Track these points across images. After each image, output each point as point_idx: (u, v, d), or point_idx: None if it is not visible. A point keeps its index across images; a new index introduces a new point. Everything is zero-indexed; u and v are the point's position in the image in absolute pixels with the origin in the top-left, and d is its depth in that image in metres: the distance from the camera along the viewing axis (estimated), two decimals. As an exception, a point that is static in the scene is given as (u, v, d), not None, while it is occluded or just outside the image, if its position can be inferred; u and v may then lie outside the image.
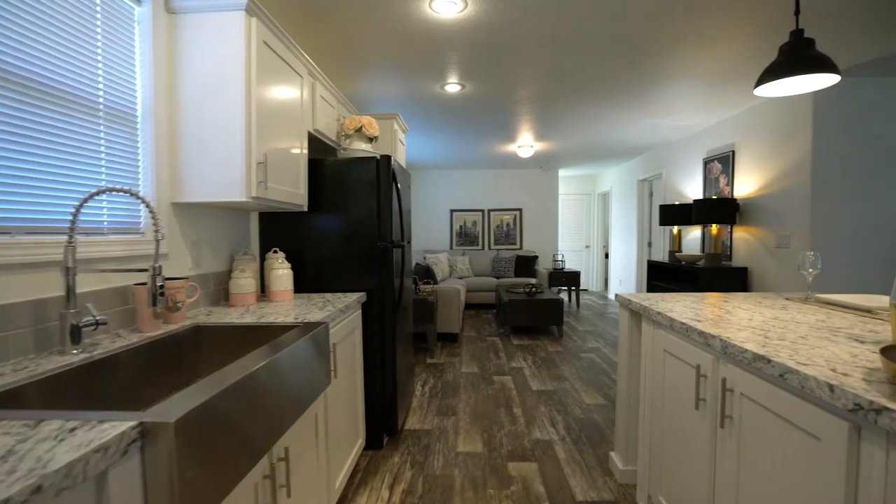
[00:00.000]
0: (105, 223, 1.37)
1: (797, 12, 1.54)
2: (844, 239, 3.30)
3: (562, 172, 8.44)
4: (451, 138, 5.28)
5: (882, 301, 1.67)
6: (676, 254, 4.52)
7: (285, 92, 1.91)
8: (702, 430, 1.34)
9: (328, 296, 2.16)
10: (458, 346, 4.64)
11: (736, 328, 1.33)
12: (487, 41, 2.60)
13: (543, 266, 7.84)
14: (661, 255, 6.03)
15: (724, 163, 4.32)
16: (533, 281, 6.77)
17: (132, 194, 1.10)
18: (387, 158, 2.33)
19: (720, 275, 3.91)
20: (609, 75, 3.18)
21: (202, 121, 1.60)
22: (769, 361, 1.02)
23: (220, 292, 1.98)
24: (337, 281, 2.37)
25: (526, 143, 5.58)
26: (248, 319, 1.56)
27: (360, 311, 2.24)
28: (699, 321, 1.45)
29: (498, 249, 7.84)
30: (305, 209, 2.21)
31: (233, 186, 1.60)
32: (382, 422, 2.42)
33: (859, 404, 0.79)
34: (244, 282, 1.89)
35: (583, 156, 6.56)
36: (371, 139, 2.64)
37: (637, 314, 2.00)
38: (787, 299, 1.90)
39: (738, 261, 4.11)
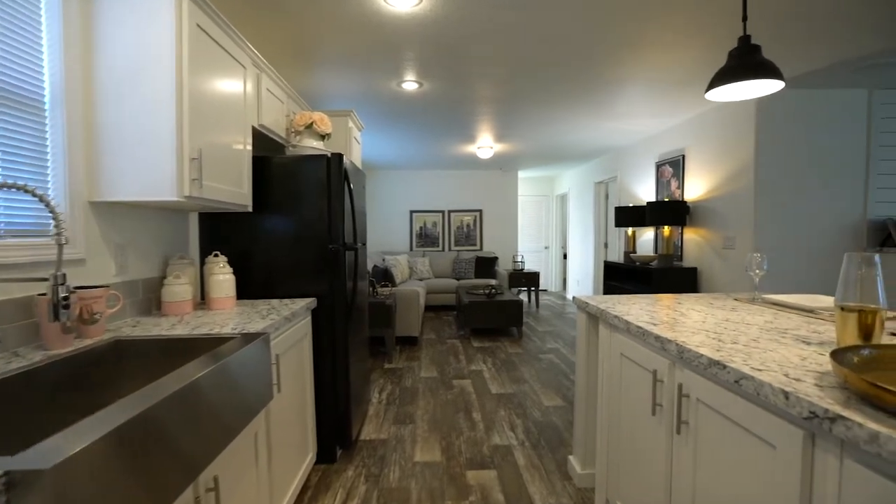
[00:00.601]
0: (1, 225, 1.19)
1: (745, 18, 1.57)
2: (784, 240, 3.48)
3: (521, 174, 8.53)
4: (410, 138, 5.19)
5: (822, 301, 1.73)
6: (631, 254, 4.63)
7: (225, 82, 1.76)
8: (658, 435, 1.32)
9: (274, 302, 2.02)
10: (418, 349, 4.55)
11: (690, 331, 1.33)
12: (444, 38, 2.53)
13: (503, 267, 7.88)
14: (616, 255, 6.19)
15: (675, 166, 4.47)
16: (493, 282, 6.78)
17: (25, 190, 0.94)
18: (338, 157, 2.22)
19: (672, 275, 4.03)
20: (566, 78, 3.19)
21: (125, 111, 1.44)
22: (724, 367, 1.01)
23: (152, 301, 1.80)
24: (285, 286, 2.22)
25: (485, 144, 5.57)
26: (180, 331, 1.41)
27: (309, 318, 2.11)
28: (655, 324, 1.43)
29: (458, 250, 7.81)
30: (250, 209, 2.05)
31: (162, 184, 1.44)
32: (335, 434, 2.29)
33: (814, 412, 0.77)
34: (179, 289, 1.73)
35: (541, 157, 6.64)
36: (323, 136, 2.51)
37: (595, 317, 1.99)
38: (735, 300, 1.94)
39: (688, 261, 4.26)
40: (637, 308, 1.74)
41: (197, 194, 1.53)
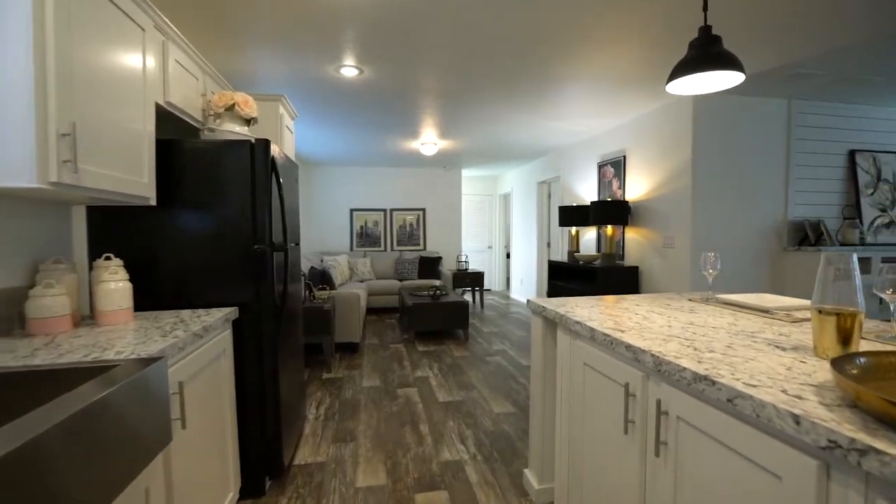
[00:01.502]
0: None
1: (705, 8, 1.50)
2: (717, 240, 3.61)
3: (464, 173, 8.45)
4: (350, 132, 4.88)
5: (772, 300, 1.72)
6: (575, 254, 4.66)
7: (115, 45, 1.42)
8: (631, 456, 1.20)
9: (185, 314, 1.69)
10: (359, 356, 4.27)
11: (661, 338, 1.22)
12: (387, 16, 2.31)
13: (447, 267, 7.75)
14: (560, 255, 6.26)
15: (616, 167, 4.55)
16: (437, 283, 6.62)
17: None
18: (264, 143, 1.92)
19: (615, 274, 4.07)
20: (513, 73, 3.08)
21: (-37, 68, 1.08)
22: (714, 383, 0.89)
23: (14, 318, 1.42)
24: (201, 294, 1.89)
25: (429, 141, 5.39)
26: (41, 359, 1.08)
27: (229, 331, 1.80)
28: (622, 331, 1.32)
29: (401, 250, 7.57)
30: (153, 203, 1.70)
31: (15, 166, 1.10)
32: (264, 461, 1.99)
33: (835, 441, 0.65)
34: (50, 301, 1.37)
35: (485, 156, 6.58)
36: (248, 121, 2.19)
37: (552, 322, 1.86)
38: (690, 300, 1.90)
39: (630, 260, 4.34)
40: (597, 312, 1.63)
41: (70, 181, 1.19)
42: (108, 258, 1.65)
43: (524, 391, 3.29)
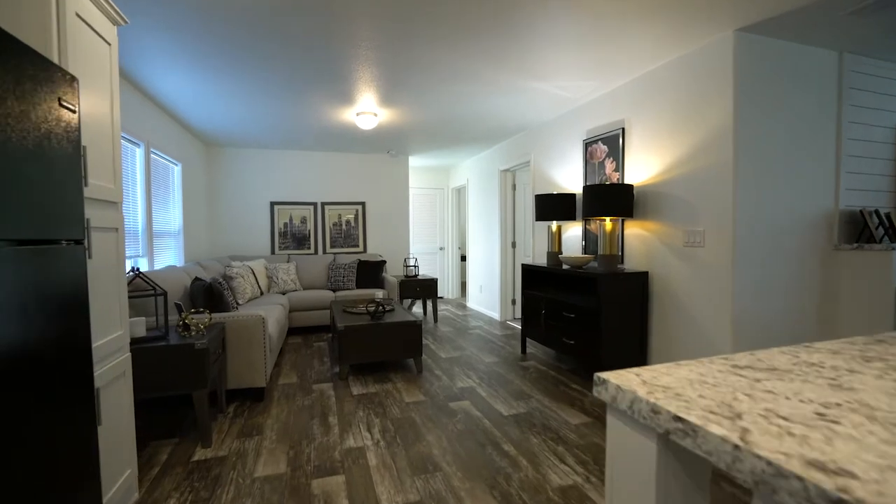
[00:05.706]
0: None
1: None
2: (763, 234, 2.65)
3: (412, 162, 7.19)
4: (259, 90, 3.48)
5: None
6: (560, 255, 3.57)
7: None
8: None
9: None
10: (264, 409, 2.90)
11: None
12: None
13: (392, 273, 6.47)
14: (530, 256, 5.19)
15: (611, 144, 3.51)
16: (379, 294, 5.32)
17: None
18: None
19: (618, 282, 3.02)
20: (472, 13, 1.91)
21: None
22: None
23: None
24: None
25: (367, 109, 4.10)
26: None
27: None
28: None
29: (335, 253, 6.19)
30: None
31: None
32: None
33: None
34: None
35: (437, 138, 5.37)
36: None
37: (700, 464, 0.67)
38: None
39: (631, 263, 3.32)
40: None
41: None
42: None
43: (513, 468, 2.12)
